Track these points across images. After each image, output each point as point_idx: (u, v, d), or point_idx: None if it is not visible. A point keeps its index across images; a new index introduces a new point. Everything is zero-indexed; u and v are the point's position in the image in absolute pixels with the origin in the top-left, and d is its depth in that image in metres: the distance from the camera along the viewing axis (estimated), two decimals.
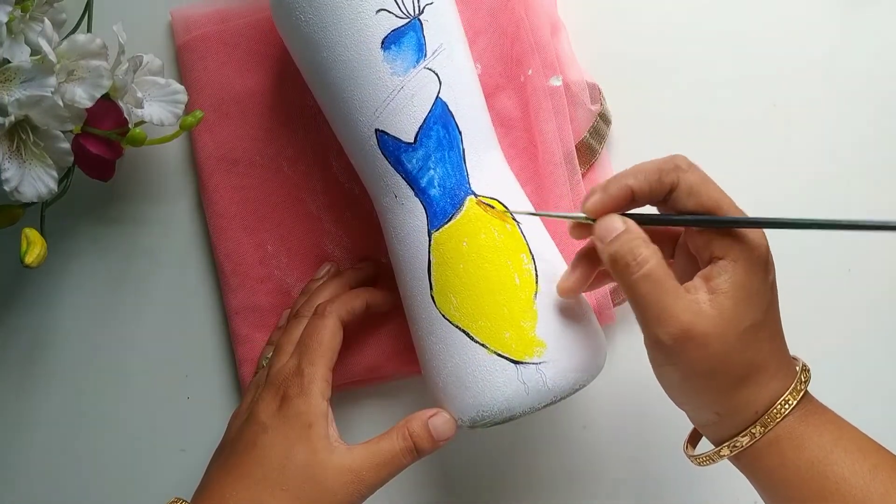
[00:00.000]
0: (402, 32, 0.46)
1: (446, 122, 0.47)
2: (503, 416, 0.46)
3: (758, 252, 0.41)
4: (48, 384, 0.58)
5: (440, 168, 0.47)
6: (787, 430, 0.41)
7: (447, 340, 0.46)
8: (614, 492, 0.57)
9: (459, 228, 0.47)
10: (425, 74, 0.46)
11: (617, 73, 0.57)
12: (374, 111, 0.47)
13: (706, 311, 0.40)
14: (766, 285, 0.41)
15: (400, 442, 0.46)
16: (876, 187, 0.57)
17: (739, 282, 0.40)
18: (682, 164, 0.42)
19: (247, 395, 0.52)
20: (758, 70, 0.57)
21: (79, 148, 0.50)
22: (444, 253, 0.46)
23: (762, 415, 0.41)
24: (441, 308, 0.47)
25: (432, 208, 0.47)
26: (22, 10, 0.48)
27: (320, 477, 0.45)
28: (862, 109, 0.58)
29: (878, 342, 0.57)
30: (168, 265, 0.58)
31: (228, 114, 0.56)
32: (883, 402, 0.57)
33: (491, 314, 0.46)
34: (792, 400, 0.41)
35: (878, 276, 0.57)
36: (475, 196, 0.47)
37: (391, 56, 0.46)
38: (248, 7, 0.56)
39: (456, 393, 0.46)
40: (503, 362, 0.45)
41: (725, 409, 0.42)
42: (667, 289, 0.40)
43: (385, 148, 0.47)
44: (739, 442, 0.41)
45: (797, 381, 0.42)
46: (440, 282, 0.47)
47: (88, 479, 0.58)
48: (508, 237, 0.47)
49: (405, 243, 0.48)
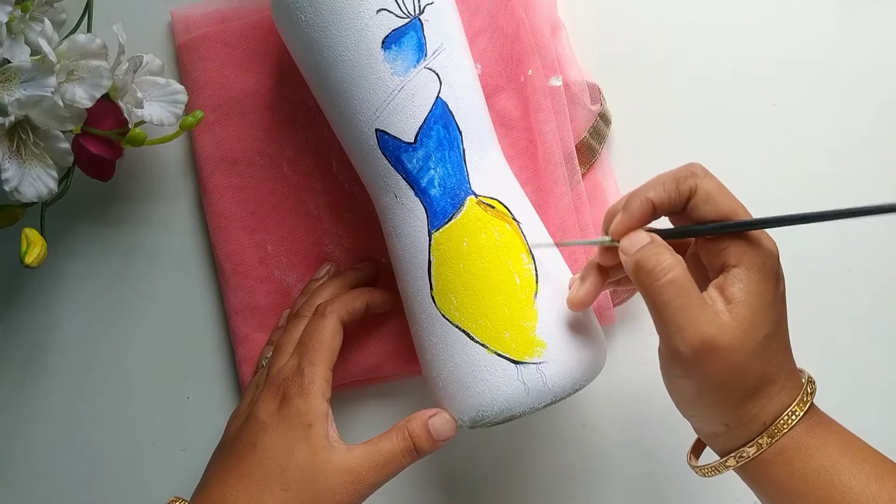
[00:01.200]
0: (403, 32, 0.46)
1: (447, 121, 0.47)
2: (503, 416, 0.46)
3: (771, 260, 0.41)
4: (48, 384, 0.58)
5: (440, 168, 0.47)
6: (793, 440, 0.41)
7: (447, 340, 0.46)
8: (614, 492, 0.57)
9: (460, 228, 0.47)
10: (426, 74, 0.46)
11: (617, 73, 0.57)
12: (375, 111, 0.47)
13: (726, 323, 0.39)
14: (778, 295, 0.41)
15: (400, 442, 0.46)
16: (876, 187, 0.57)
17: (755, 290, 0.40)
18: (699, 171, 0.42)
19: (246, 394, 0.52)
20: (758, 70, 0.58)
21: (79, 148, 0.50)
22: (445, 253, 0.46)
23: (770, 426, 0.41)
24: (441, 308, 0.47)
25: (432, 208, 0.47)
26: (22, 10, 0.48)
27: (320, 477, 0.45)
28: (862, 109, 0.58)
29: (879, 342, 0.57)
30: (168, 265, 0.58)
31: (228, 114, 0.56)
32: (883, 402, 0.57)
33: (491, 314, 0.46)
34: (799, 411, 0.41)
35: (878, 276, 0.57)
36: (475, 196, 0.47)
37: (392, 56, 0.46)
38: (248, 7, 0.56)
39: (456, 393, 0.46)
40: (503, 362, 0.45)
41: (735, 421, 0.41)
42: (690, 298, 0.40)
43: (385, 148, 0.47)
44: (746, 452, 0.41)
45: (803, 392, 0.42)
46: (440, 282, 0.47)
47: (88, 478, 0.58)
48: (509, 237, 0.47)
49: (405, 243, 0.48)
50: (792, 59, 0.58)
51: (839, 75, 0.58)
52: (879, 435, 0.43)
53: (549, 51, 0.55)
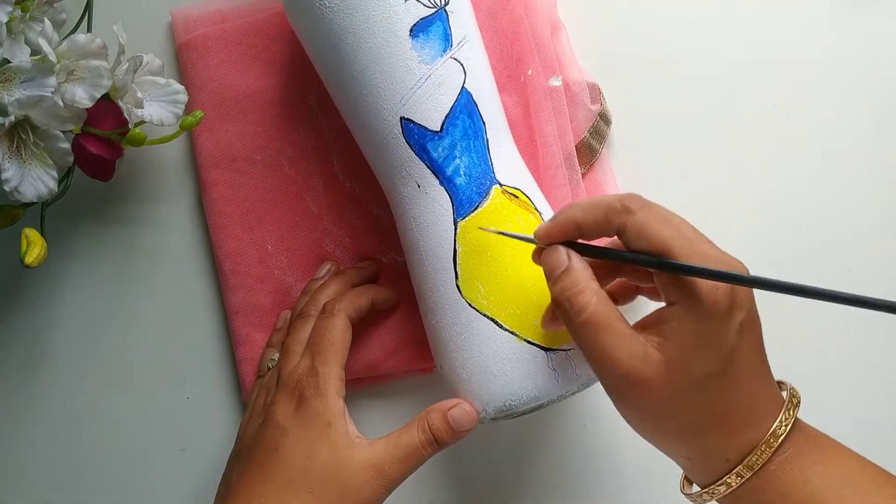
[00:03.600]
0: (431, 21, 0.46)
1: (471, 111, 0.47)
2: (532, 405, 0.46)
3: (713, 299, 0.37)
4: (48, 384, 0.58)
5: (466, 157, 0.47)
6: (766, 480, 0.39)
7: (473, 330, 0.46)
8: (614, 492, 0.57)
9: (487, 217, 0.47)
10: (451, 64, 0.47)
11: (617, 73, 0.57)
12: (401, 99, 0.47)
13: (652, 356, 0.38)
14: (728, 332, 0.38)
15: (420, 435, 0.46)
16: (876, 187, 0.57)
17: (690, 329, 0.38)
18: (633, 206, 0.39)
19: (256, 398, 0.52)
20: (758, 70, 0.58)
21: (79, 148, 0.50)
22: (471, 241, 0.47)
23: (736, 463, 0.39)
24: (467, 297, 0.46)
25: (458, 197, 0.47)
26: (22, 10, 0.48)
27: (343, 476, 0.45)
28: (862, 109, 0.58)
29: (879, 342, 0.57)
30: (168, 265, 0.58)
31: (228, 113, 0.56)
32: (883, 403, 0.57)
33: (521, 302, 0.46)
34: (767, 449, 0.39)
35: (878, 276, 0.57)
36: (500, 185, 0.47)
37: (419, 44, 0.46)
38: (248, 7, 0.56)
39: (482, 383, 0.46)
40: (534, 349, 0.45)
41: (694, 454, 0.40)
42: (608, 333, 0.38)
43: (410, 136, 0.47)
44: (718, 490, 0.40)
45: (778, 423, 0.39)
46: (466, 271, 0.46)
47: (88, 478, 0.58)
48: (533, 226, 0.47)
49: (428, 233, 0.48)
50: (791, 59, 0.58)
51: (839, 75, 0.58)
52: (880, 435, 0.43)
53: (549, 51, 0.55)
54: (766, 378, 0.40)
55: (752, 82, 0.57)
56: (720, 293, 0.37)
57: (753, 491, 0.39)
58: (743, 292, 0.38)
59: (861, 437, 0.42)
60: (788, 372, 0.43)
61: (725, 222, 0.56)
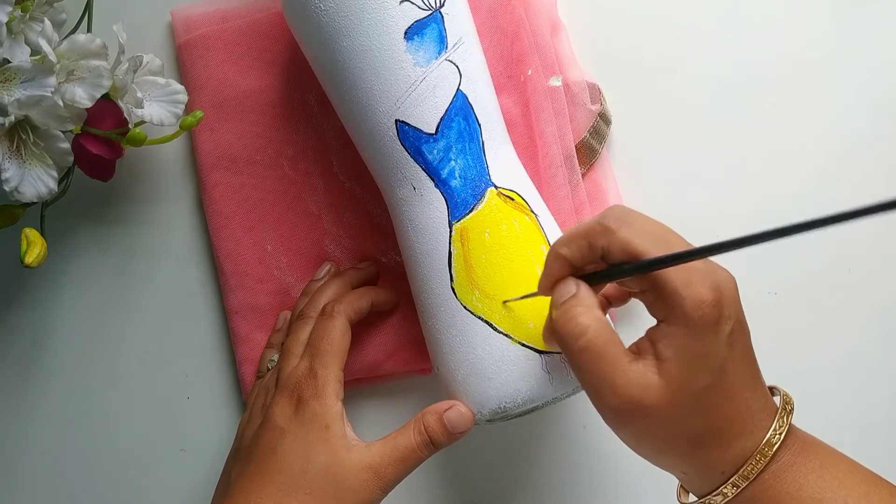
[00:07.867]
0: (425, 24, 0.46)
1: (467, 113, 0.47)
2: (526, 407, 0.46)
3: (699, 313, 0.37)
4: (48, 384, 0.58)
5: (461, 159, 0.47)
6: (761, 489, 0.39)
7: (468, 332, 0.46)
8: (614, 492, 0.57)
9: (482, 219, 0.47)
10: (447, 66, 0.47)
11: (617, 73, 0.57)
12: (396, 101, 0.47)
13: (653, 382, 0.38)
14: (718, 344, 0.38)
15: (416, 436, 0.46)
16: (876, 187, 0.57)
17: (683, 345, 0.37)
18: (612, 225, 0.39)
19: (255, 399, 0.52)
20: (758, 70, 0.57)
21: (79, 148, 0.50)
22: (466, 244, 0.47)
23: (731, 474, 0.39)
24: (462, 299, 0.46)
25: (453, 199, 0.47)
26: (22, 10, 0.48)
27: (341, 477, 0.45)
28: (862, 109, 0.58)
29: (879, 342, 0.57)
30: (168, 265, 0.58)
31: (228, 113, 0.56)
32: (883, 403, 0.57)
33: (515, 304, 0.46)
34: (762, 458, 0.39)
35: (878, 276, 0.57)
36: (496, 187, 0.47)
37: (414, 46, 0.46)
38: (248, 7, 0.56)
39: (477, 385, 0.46)
40: (528, 352, 0.45)
41: (690, 468, 0.40)
42: (607, 361, 0.38)
43: (405, 139, 0.47)
44: (714, 500, 0.40)
45: (772, 431, 0.39)
46: (461, 273, 0.47)
47: (88, 478, 0.58)
48: (529, 229, 0.47)
49: (423, 235, 0.48)
50: (792, 59, 0.58)
51: (839, 75, 0.58)
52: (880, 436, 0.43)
53: (549, 51, 0.55)
54: (757, 386, 0.40)
55: (752, 82, 0.57)
56: (706, 306, 0.37)
57: (749, 500, 0.39)
58: (729, 303, 0.38)
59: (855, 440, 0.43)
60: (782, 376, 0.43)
61: (725, 222, 0.56)
